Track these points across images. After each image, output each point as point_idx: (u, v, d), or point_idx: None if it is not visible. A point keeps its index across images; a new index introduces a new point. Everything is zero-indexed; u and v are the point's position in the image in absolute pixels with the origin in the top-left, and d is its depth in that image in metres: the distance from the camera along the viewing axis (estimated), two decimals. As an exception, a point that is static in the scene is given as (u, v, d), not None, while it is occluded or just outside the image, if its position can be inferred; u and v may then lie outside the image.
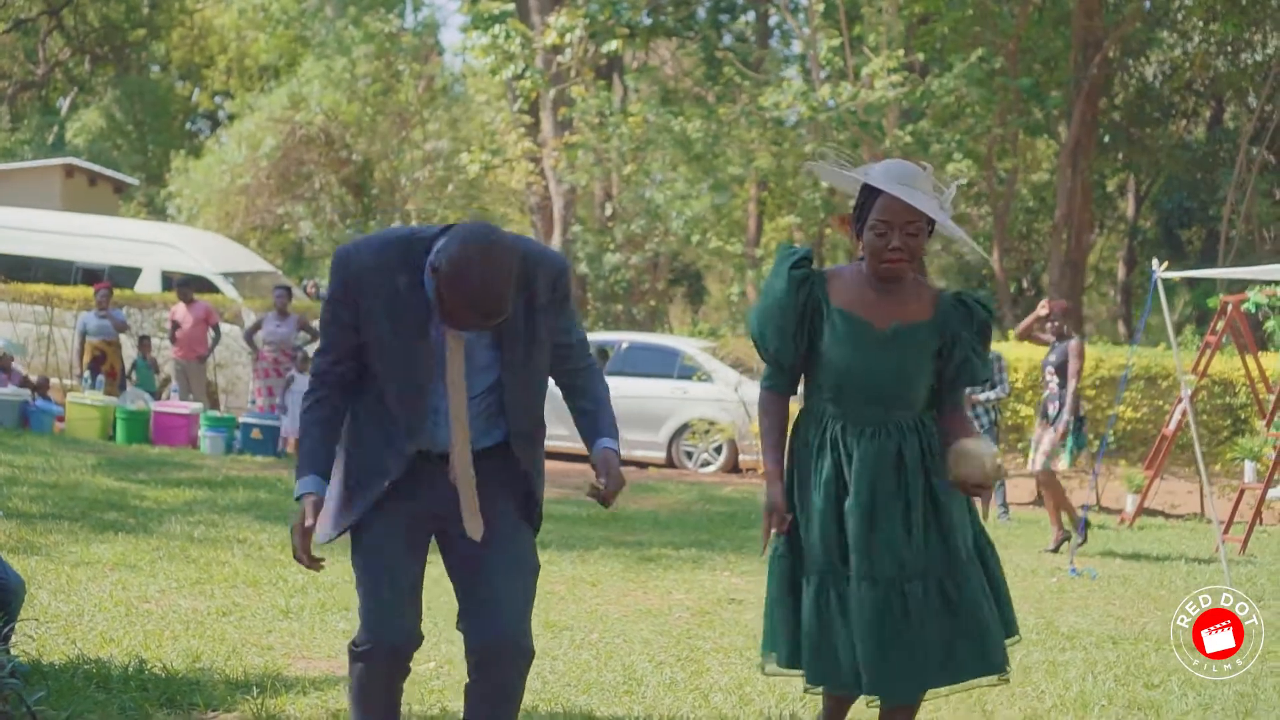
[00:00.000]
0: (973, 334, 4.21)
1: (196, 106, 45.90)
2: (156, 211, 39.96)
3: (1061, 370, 11.00)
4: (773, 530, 4.26)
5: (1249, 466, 12.75)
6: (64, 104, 44.48)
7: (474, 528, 3.88)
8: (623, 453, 14.89)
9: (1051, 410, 11.05)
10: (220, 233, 26.68)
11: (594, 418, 4.10)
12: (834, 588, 4.16)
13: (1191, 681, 6.52)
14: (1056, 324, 11.09)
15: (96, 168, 28.61)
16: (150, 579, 7.77)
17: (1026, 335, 11.54)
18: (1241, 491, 12.27)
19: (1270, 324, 13.13)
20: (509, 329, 3.84)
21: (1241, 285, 13.24)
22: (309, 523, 3.75)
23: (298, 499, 3.77)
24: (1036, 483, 11.37)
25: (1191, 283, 27.28)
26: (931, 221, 4.12)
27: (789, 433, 4.37)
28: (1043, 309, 11.24)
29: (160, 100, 41.88)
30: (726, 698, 5.95)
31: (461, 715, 5.32)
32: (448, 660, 6.37)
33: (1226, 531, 11.63)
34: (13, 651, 4.66)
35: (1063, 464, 11.04)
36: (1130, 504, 13.35)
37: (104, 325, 16.32)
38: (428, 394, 3.83)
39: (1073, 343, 11.02)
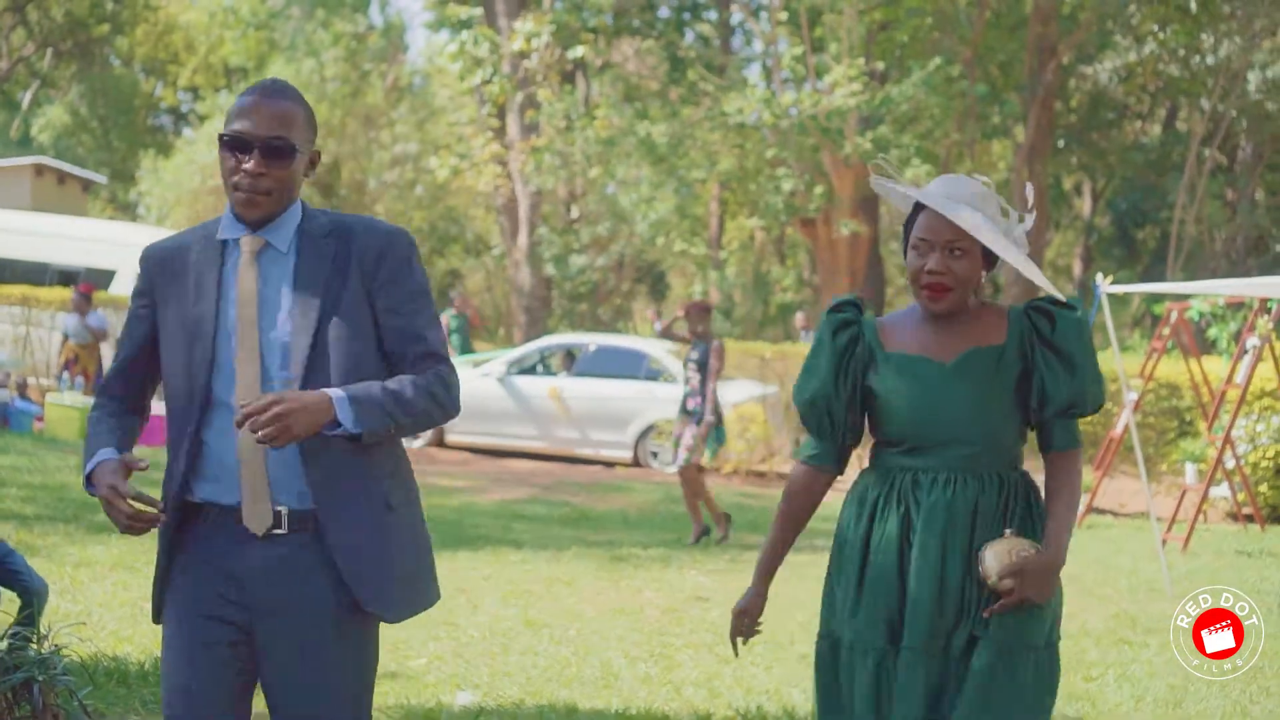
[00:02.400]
0: (1052, 342, 3.45)
1: (159, 101, 45.98)
2: (121, 208, 40.14)
3: (704, 368, 11.12)
4: (740, 637, 3.65)
5: (1190, 468, 13.32)
6: (25, 97, 44.49)
7: (255, 518, 3.09)
8: (590, 452, 15.03)
9: (692, 405, 11.21)
10: (187, 231, 26.93)
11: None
12: (888, 665, 3.44)
13: (1127, 675, 7.03)
14: (693, 324, 11.24)
15: (66, 166, 28.80)
16: (149, 580, 8.11)
17: (666, 334, 11.78)
18: (1184, 492, 12.83)
19: (1213, 331, 13.70)
20: (311, 299, 3.11)
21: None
22: (110, 480, 3.00)
23: (88, 478, 3.06)
24: (680, 478, 11.40)
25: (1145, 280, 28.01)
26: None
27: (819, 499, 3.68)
28: (680, 310, 11.49)
29: (124, 96, 41.98)
30: (698, 691, 6.41)
31: (449, 711, 5.81)
32: (437, 657, 6.82)
33: (1169, 530, 12.20)
34: (40, 650, 5.03)
35: (705, 459, 11.27)
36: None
37: (83, 331, 16.59)
38: (211, 394, 3.11)
39: (715, 344, 11.17)
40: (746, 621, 3.63)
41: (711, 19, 30.61)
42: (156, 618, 3.30)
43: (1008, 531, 3.40)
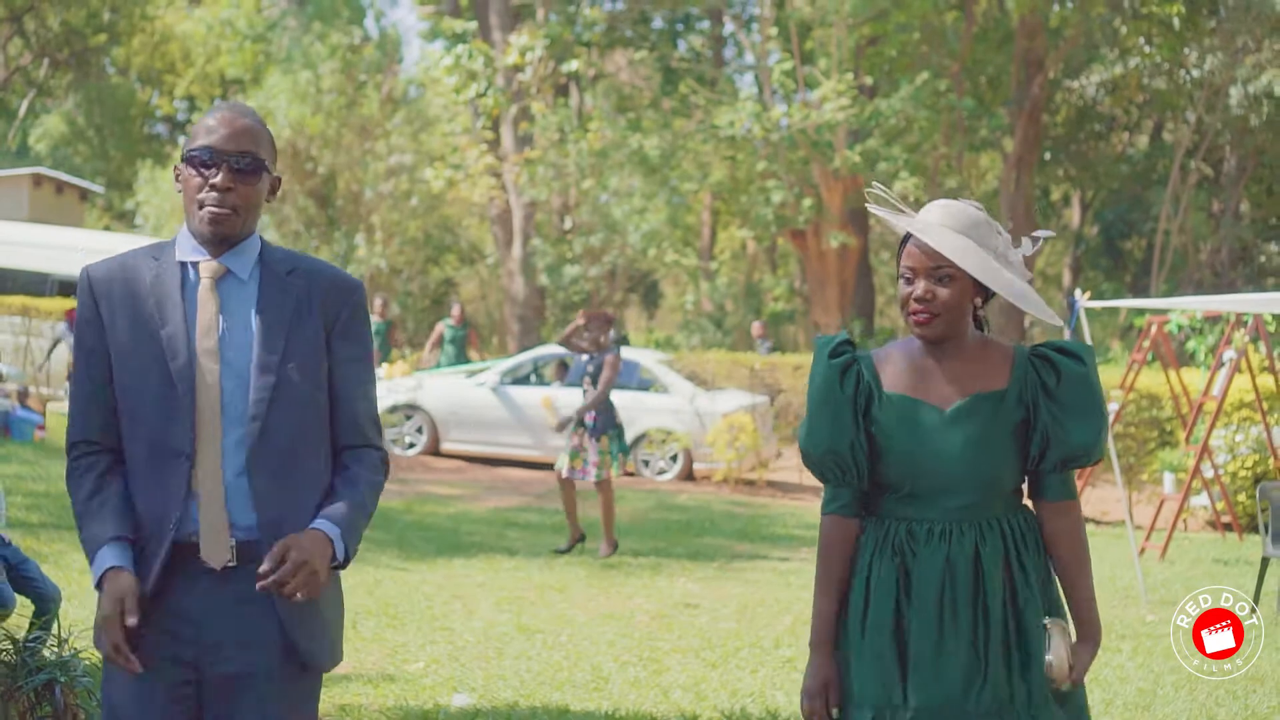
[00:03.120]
0: (1056, 395, 3.33)
1: (154, 110, 46.17)
2: (118, 216, 40.39)
3: (598, 379, 11.18)
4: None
5: (1168, 478, 13.59)
6: (21, 106, 44.73)
7: (215, 552, 3.03)
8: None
9: (588, 420, 11.18)
10: (185, 241, 27.20)
11: (336, 500, 3.13)
12: None
13: (1099, 679, 7.29)
14: (593, 334, 11.29)
15: (64, 176, 29.10)
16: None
17: (565, 343, 11.76)
18: (1162, 501, 13.10)
19: (1191, 344, 13.99)
20: (275, 337, 3.09)
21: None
22: (128, 618, 2.92)
23: (98, 582, 2.95)
24: (600, 490, 11.25)
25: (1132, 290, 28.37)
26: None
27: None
28: (580, 319, 11.55)
29: (121, 106, 42.21)
30: (685, 694, 6.67)
31: (446, 712, 6.07)
32: (434, 660, 7.08)
33: (1148, 538, 12.49)
34: (60, 653, 5.27)
35: (614, 471, 11.21)
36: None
37: None
38: (182, 428, 3.02)
39: (609, 355, 11.15)
40: (831, 697, 3.34)
41: (704, 28, 30.93)
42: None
43: (1047, 623, 3.28)
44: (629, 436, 17.14)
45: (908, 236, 3.34)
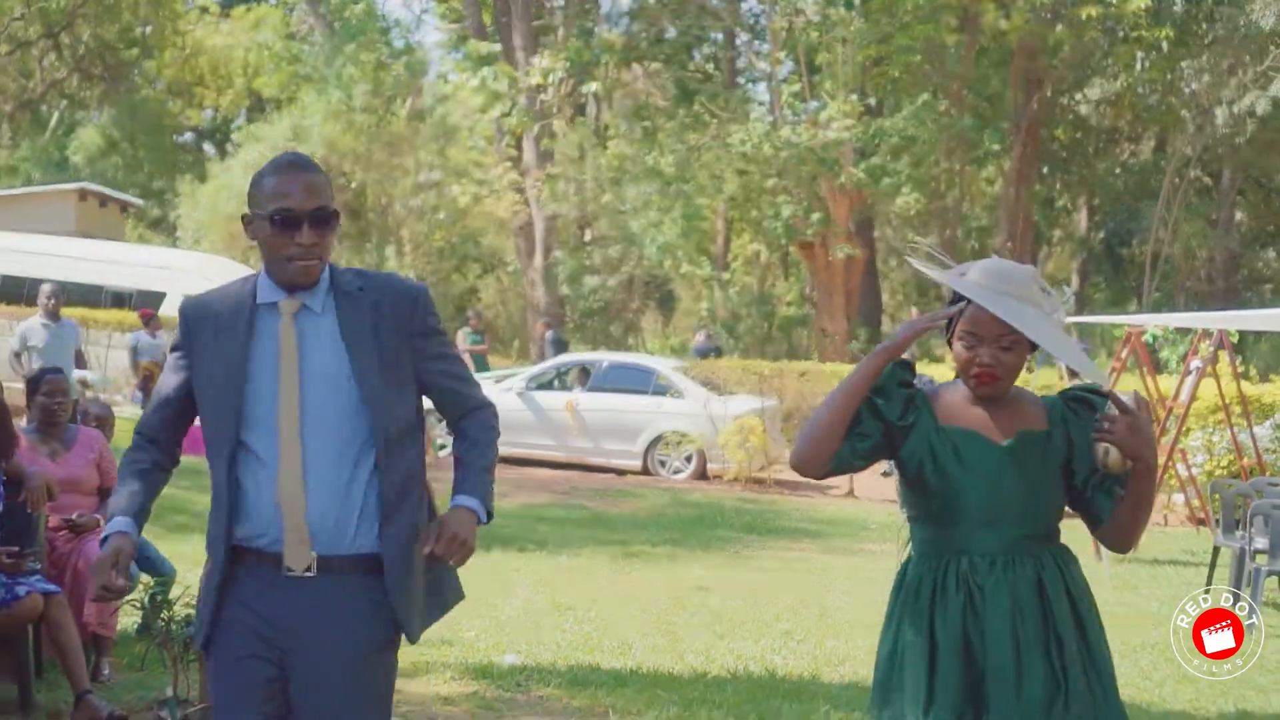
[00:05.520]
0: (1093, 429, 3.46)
1: (185, 121, 47.28)
2: (151, 225, 41.58)
3: None
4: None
5: (1141, 477, 14.68)
6: (53, 118, 45.85)
7: (297, 558, 3.33)
8: (603, 461, 16.19)
9: None
10: (224, 254, 28.46)
11: (463, 469, 3.51)
12: None
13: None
14: None
15: (107, 190, 30.31)
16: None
17: None
18: (1134, 498, 14.16)
19: (1165, 353, 15.00)
20: (361, 349, 3.37)
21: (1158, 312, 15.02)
22: (113, 569, 3.23)
23: (103, 541, 3.30)
24: None
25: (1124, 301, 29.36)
26: None
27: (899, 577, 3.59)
28: None
29: (153, 117, 43.35)
30: (696, 657, 7.84)
31: (499, 668, 7.23)
32: (484, 630, 8.26)
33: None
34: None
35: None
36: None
37: (155, 346, 17.99)
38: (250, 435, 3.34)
39: None
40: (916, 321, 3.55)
41: (718, 39, 31.89)
42: (205, 646, 3.45)
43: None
44: (647, 438, 18.18)
45: (961, 295, 3.48)
